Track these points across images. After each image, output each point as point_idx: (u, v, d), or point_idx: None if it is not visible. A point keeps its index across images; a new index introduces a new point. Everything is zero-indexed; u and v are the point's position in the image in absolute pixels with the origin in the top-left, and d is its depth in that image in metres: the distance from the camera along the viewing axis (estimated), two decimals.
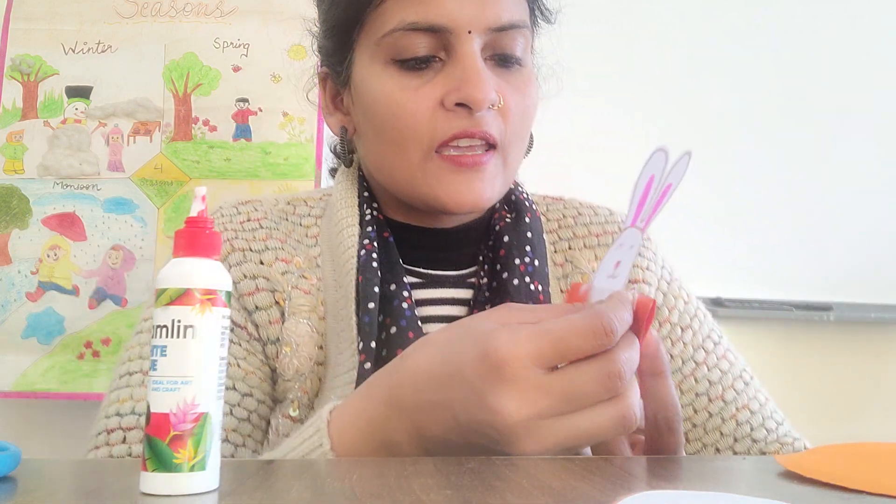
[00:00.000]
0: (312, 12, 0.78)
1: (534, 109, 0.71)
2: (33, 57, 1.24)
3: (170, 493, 0.40)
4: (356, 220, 0.72)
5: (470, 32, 0.65)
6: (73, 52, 1.24)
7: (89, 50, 1.24)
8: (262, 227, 0.74)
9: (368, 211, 0.73)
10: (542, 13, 0.75)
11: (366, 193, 0.75)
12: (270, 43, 1.24)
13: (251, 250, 0.72)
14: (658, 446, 0.53)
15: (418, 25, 0.65)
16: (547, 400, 0.45)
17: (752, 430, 0.73)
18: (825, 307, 1.46)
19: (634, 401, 0.46)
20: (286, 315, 0.70)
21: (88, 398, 1.15)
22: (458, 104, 0.65)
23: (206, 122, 1.23)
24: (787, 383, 1.46)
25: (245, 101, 1.23)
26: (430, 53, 0.66)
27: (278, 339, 0.70)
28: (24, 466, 0.46)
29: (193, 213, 0.44)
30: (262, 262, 0.72)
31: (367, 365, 0.64)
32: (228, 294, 0.43)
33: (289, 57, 1.23)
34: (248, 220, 0.75)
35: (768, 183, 1.46)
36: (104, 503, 0.39)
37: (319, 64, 0.79)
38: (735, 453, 0.72)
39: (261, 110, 1.23)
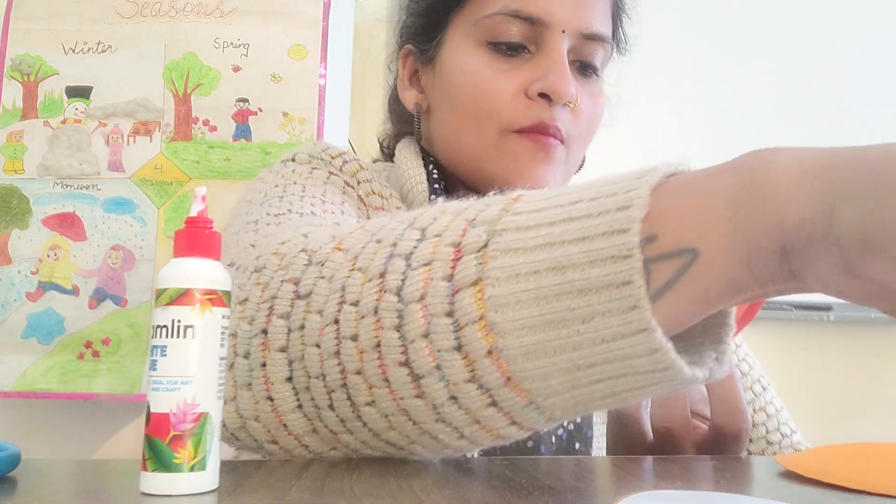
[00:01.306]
0: (313, 10, 0.79)
1: (600, 119, 0.74)
2: (33, 57, 1.24)
3: (170, 493, 0.40)
4: (423, 177, 0.73)
5: (563, 32, 0.69)
6: (73, 52, 1.24)
7: (89, 50, 1.24)
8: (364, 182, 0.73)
9: (436, 174, 0.73)
10: (618, 39, 0.78)
11: (431, 167, 0.75)
12: (270, 43, 1.24)
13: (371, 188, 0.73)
14: (718, 450, 0.53)
15: (520, 13, 0.68)
16: None
17: (767, 432, 0.74)
18: (825, 307, 1.46)
19: None
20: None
21: (88, 398, 1.15)
22: (540, 94, 0.68)
23: (206, 122, 1.23)
24: (788, 383, 1.46)
25: (245, 101, 1.23)
26: (522, 42, 0.69)
27: None
28: (24, 466, 0.46)
29: (193, 213, 0.44)
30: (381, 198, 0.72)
31: None
32: (228, 294, 0.43)
33: (289, 57, 1.23)
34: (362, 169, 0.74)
35: None
36: (104, 503, 0.39)
37: (400, 41, 0.80)
38: (749, 453, 0.73)
39: (261, 110, 1.23)
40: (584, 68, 0.72)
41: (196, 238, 0.44)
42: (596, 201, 0.33)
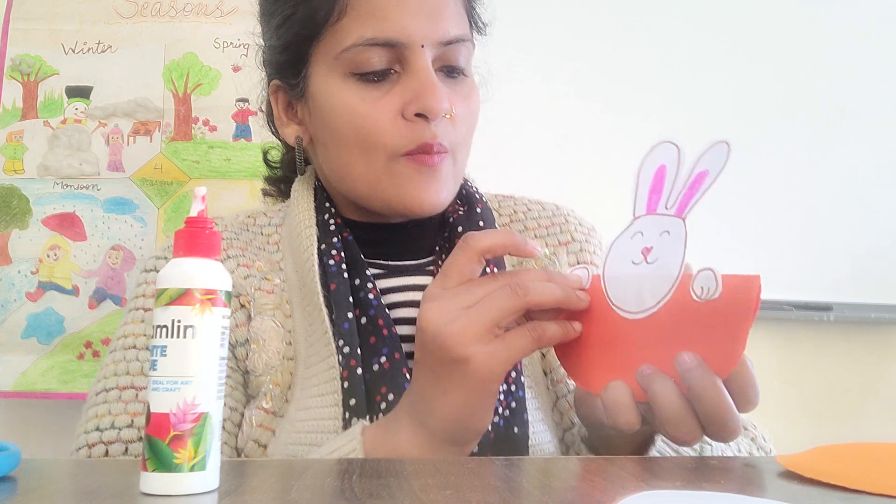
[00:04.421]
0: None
1: (477, 115, 0.77)
2: (33, 57, 1.23)
3: (170, 493, 0.40)
4: (313, 221, 0.76)
5: (423, 47, 0.70)
6: (73, 52, 1.24)
7: (89, 50, 1.24)
8: (222, 240, 0.77)
9: (329, 218, 0.77)
10: (477, 27, 0.80)
11: (327, 204, 0.78)
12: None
13: None
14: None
15: (376, 41, 0.69)
16: (452, 299, 0.55)
17: None
18: (825, 307, 1.46)
19: (524, 277, 0.56)
20: (252, 315, 0.73)
21: None
22: (417, 114, 0.70)
23: (206, 122, 1.23)
24: (787, 383, 1.46)
25: (245, 101, 1.23)
26: (387, 66, 0.71)
27: (247, 339, 0.72)
28: (24, 466, 0.46)
29: (193, 213, 0.44)
30: None
31: (359, 371, 0.67)
32: (228, 294, 0.43)
33: None
34: None
35: (768, 183, 1.46)
36: (104, 503, 0.39)
37: (267, 75, 0.81)
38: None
39: (261, 110, 1.22)
40: (451, 71, 0.74)
41: (196, 238, 0.44)
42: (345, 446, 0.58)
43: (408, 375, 0.67)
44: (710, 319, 0.50)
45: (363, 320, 0.70)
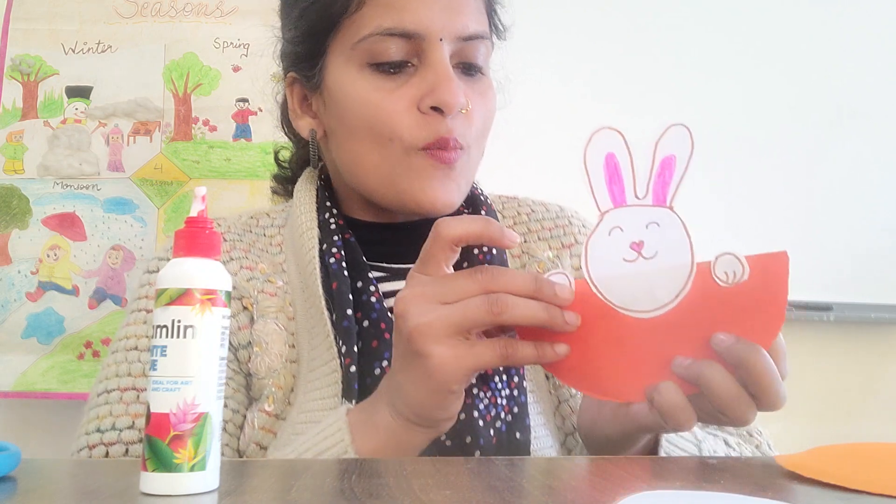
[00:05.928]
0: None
1: (493, 115, 0.76)
2: (33, 57, 1.23)
3: (170, 493, 0.40)
4: (314, 223, 0.75)
5: (441, 40, 0.69)
6: (73, 52, 1.24)
7: (89, 50, 1.24)
8: (225, 241, 0.77)
9: (330, 218, 0.76)
10: (496, 28, 0.79)
11: (328, 203, 0.77)
12: (270, 43, 1.24)
13: None
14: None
15: (394, 31, 0.69)
16: (430, 289, 0.53)
17: None
18: (825, 307, 1.46)
19: (509, 285, 0.52)
20: (255, 318, 0.73)
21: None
22: (432, 108, 0.69)
23: (206, 122, 1.23)
24: (788, 383, 1.45)
25: (245, 101, 1.23)
26: (404, 58, 0.70)
27: (249, 342, 0.72)
28: (24, 466, 0.46)
29: (193, 213, 0.44)
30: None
31: (353, 368, 0.67)
32: (228, 294, 0.43)
33: None
34: None
35: (768, 183, 1.46)
36: (104, 503, 0.39)
37: (284, 69, 0.81)
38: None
39: (261, 110, 1.23)
40: (469, 69, 0.73)
41: (196, 238, 0.44)
42: (332, 436, 0.58)
43: None
44: (740, 302, 0.50)
45: (365, 324, 0.70)
